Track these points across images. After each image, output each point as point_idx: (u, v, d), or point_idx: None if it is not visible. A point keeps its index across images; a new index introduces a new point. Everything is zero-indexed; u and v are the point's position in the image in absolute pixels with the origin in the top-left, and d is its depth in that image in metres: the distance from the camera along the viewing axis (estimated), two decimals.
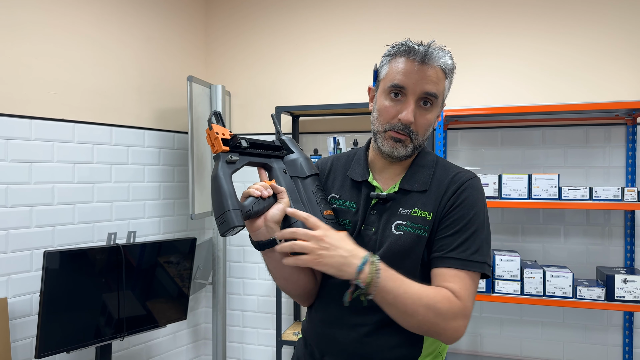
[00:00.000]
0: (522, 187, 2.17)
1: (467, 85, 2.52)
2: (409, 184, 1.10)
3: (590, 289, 2.08)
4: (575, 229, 2.41)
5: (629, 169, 2.31)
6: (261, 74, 2.90)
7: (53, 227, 2.09)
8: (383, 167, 1.15)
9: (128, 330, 2.10)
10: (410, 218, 1.07)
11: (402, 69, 1.05)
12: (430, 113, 1.07)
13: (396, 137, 1.06)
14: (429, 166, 1.12)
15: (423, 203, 1.08)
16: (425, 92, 1.04)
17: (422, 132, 1.07)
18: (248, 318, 2.91)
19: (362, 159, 1.17)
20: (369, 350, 1.07)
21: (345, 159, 1.22)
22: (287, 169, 1.12)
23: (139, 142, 2.52)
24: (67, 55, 2.15)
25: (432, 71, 1.04)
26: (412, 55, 1.04)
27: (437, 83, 1.05)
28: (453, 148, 2.57)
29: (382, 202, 1.10)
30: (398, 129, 1.06)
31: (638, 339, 2.31)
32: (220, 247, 2.71)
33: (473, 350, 2.55)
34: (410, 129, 1.06)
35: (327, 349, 1.12)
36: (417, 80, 1.03)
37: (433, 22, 2.58)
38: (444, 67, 1.05)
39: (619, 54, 2.34)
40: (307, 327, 1.20)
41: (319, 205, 1.08)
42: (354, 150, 1.23)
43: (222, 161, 0.98)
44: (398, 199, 1.09)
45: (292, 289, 1.14)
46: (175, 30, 2.77)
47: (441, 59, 1.05)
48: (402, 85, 1.04)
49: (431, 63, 1.04)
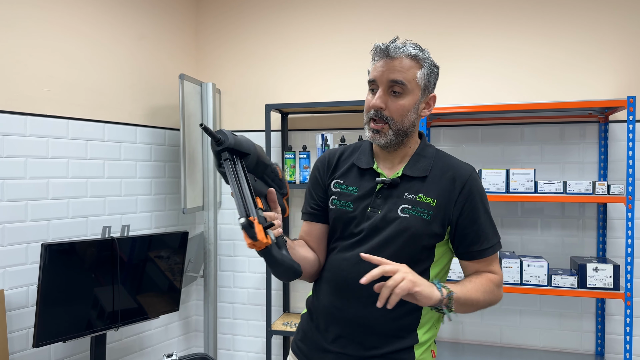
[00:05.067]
0: (501, 181, 2.28)
1: (448, 85, 2.62)
2: (411, 170, 1.23)
3: (564, 278, 2.20)
4: (551, 222, 2.53)
5: (602, 165, 2.44)
6: (251, 73, 2.97)
7: (48, 221, 2.14)
8: (385, 157, 1.28)
9: (123, 321, 2.16)
10: (415, 203, 1.20)
11: (375, 66, 1.21)
12: (402, 99, 1.19)
13: (374, 127, 1.21)
14: (429, 157, 1.26)
15: (426, 190, 1.21)
16: (390, 80, 1.18)
17: (398, 116, 1.19)
18: (238, 310, 2.99)
19: (368, 149, 1.31)
20: (371, 320, 1.20)
21: (352, 149, 1.35)
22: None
23: (131, 139, 2.57)
24: (62, 52, 2.20)
25: (396, 62, 1.18)
26: (379, 53, 1.20)
27: (404, 71, 1.18)
28: (436, 144, 2.67)
29: (387, 187, 1.23)
30: (373, 117, 1.21)
31: (610, 325, 2.44)
32: (211, 241, 2.78)
33: (455, 338, 2.66)
34: (384, 115, 1.19)
35: (332, 320, 1.24)
36: (383, 72, 1.18)
37: (418, 24, 2.67)
38: (410, 56, 1.19)
39: (594, 54, 2.46)
40: (313, 300, 1.33)
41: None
42: (360, 143, 1.36)
43: (273, 247, 1.05)
44: (402, 184, 1.22)
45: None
46: (166, 28, 2.82)
47: (403, 49, 1.18)
48: (373, 79, 1.21)
49: (394, 55, 1.18)
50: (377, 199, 1.23)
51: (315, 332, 1.28)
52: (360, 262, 1.14)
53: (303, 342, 1.32)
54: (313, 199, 1.33)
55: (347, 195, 1.27)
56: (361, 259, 1.11)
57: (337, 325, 1.23)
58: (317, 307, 1.29)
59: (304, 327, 1.34)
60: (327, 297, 1.26)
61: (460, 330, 2.65)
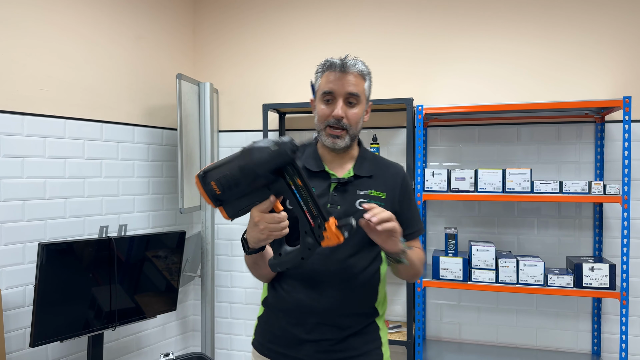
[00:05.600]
0: (497, 181, 2.29)
1: (445, 86, 2.63)
2: (360, 170, 1.42)
3: (560, 277, 2.21)
4: (548, 222, 2.54)
5: (598, 165, 2.45)
6: (249, 73, 2.97)
7: (45, 220, 2.14)
8: (332, 159, 1.44)
9: (120, 321, 2.17)
10: (369, 197, 1.39)
11: (329, 79, 1.36)
12: (356, 109, 1.38)
13: (333, 133, 1.36)
14: (370, 159, 1.47)
15: (376, 185, 1.41)
16: (348, 92, 1.35)
17: (354, 124, 1.38)
18: (236, 309, 2.99)
19: (313, 154, 1.45)
20: (345, 303, 1.36)
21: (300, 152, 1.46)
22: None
23: (129, 138, 2.58)
24: (59, 52, 2.20)
25: (351, 77, 1.36)
26: (334, 68, 1.36)
27: (357, 85, 1.37)
28: (433, 144, 2.68)
29: (341, 186, 1.39)
30: (333, 124, 1.36)
31: (606, 325, 2.45)
32: (208, 241, 2.79)
33: (452, 338, 2.67)
34: (343, 123, 1.36)
35: (309, 312, 1.35)
36: (341, 85, 1.35)
37: (415, 26, 2.68)
38: (359, 72, 1.37)
39: (590, 55, 2.47)
40: (279, 299, 1.40)
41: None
42: (303, 147, 1.49)
43: None
44: (354, 182, 1.40)
45: (264, 275, 1.41)
46: (164, 29, 2.83)
47: (355, 66, 1.36)
48: (331, 91, 1.36)
49: (349, 70, 1.35)
50: (334, 196, 1.38)
51: (288, 328, 1.38)
52: (330, 254, 1.32)
53: (274, 343, 1.41)
54: None
55: None
56: (331, 251, 1.30)
57: (314, 315, 1.35)
58: (288, 304, 1.38)
59: (270, 328, 1.43)
60: (302, 292, 1.36)
61: (458, 330, 2.66)
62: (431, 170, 2.37)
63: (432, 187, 2.36)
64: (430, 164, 2.68)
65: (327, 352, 1.36)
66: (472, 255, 2.31)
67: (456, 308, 2.66)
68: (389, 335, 2.50)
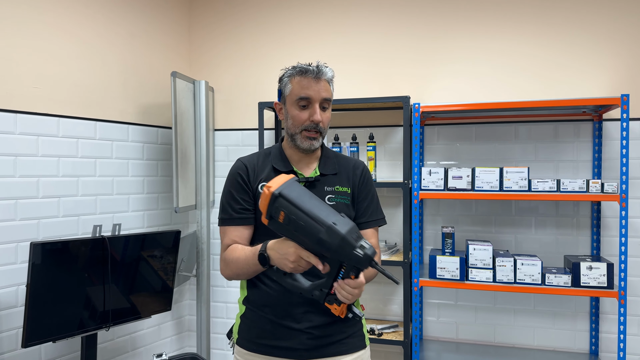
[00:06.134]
0: (494, 179, 2.27)
1: (443, 86, 2.61)
2: (325, 169, 1.50)
3: (558, 276, 2.20)
4: (545, 220, 2.52)
5: (595, 163, 2.43)
6: (245, 71, 2.95)
7: (38, 220, 2.12)
8: (299, 159, 1.51)
9: (114, 321, 2.14)
10: (335, 193, 1.48)
11: (303, 84, 1.43)
12: (328, 112, 1.48)
13: (310, 136, 1.44)
14: (332, 157, 1.56)
15: (340, 181, 1.50)
16: (323, 98, 1.44)
17: (326, 126, 1.48)
18: (232, 309, 2.97)
19: (279, 155, 1.51)
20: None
21: (264, 156, 1.54)
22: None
23: (123, 137, 2.55)
24: (52, 50, 2.17)
25: (323, 83, 1.44)
26: (309, 74, 1.43)
27: (328, 91, 1.46)
28: (430, 143, 2.66)
29: (309, 184, 1.46)
30: (310, 128, 1.44)
31: (604, 324, 2.44)
32: (204, 240, 2.76)
33: (449, 338, 2.65)
34: (320, 127, 1.45)
35: (296, 302, 1.40)
36: (317, 91, 1.43)
37: (412, 26, 2.66)
38: (329, 79, 1.47)
39: (588, 54, 2.45)
40: (261, 296, 1.45)
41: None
42: (268, 150, 1.56)
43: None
44: (320, 180, 1.49)
45: (248, 276, 1.45)
46: (158, 27, 2.80)
47: (327, 74, 1.45)
48: (307, 97, 1.42)
49: (322, 77, 1.44)
50: None
51: (277, 320, 1.42)
52: None
53: (263, 337, 1.45)
54: (239, 204, 1.47)
55: None
56: None
57: (300, 305, 1.41)
58: (273, 298, 1.43)
59: (256, 324, 1.46)
60: (282, 288, 1.39)
61: (454, 329, 2.64)
62: (428, 169, 2.35)
63: (429, 186, 2.34)
64: (428, 163, 2.67)
65: (318, 337, 1.42)
66: (469, 255, 2.30)
67: (453, 308, 2.64)
68: (385, 335, 2.48)
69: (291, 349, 1.42)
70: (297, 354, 1.42)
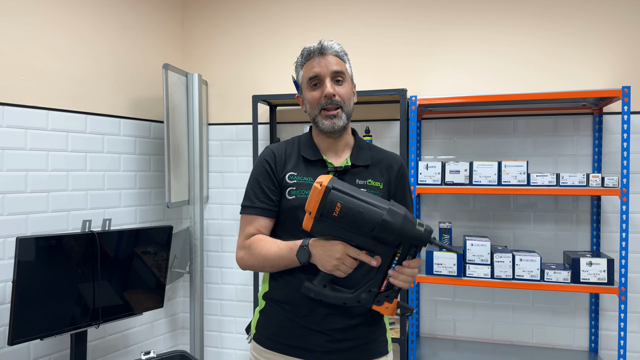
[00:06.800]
0: (492, 173, 2.23)
1: (440, 79, 2.56)
2: (356, 160, 1.41)
3: (557, 272, 2.15)
4: (544, 216, 2.48)
5: (595, 157, 2.39)
6: (240, 65, 2.90)
7: (26, 215, 2.07)
8: (328, 147, 1.43)
9: (104, 318, 2.10)
10: (367, 187, 1.38)
11: (311, 65, 1.39)
12: (344, 86, 1.39)
13: (329, 114, 1.36)
14: (365, 148, 1.47)
15: (373, 175, 1.41)
16: (333, 71, 1.37)
17: (347, 99, 1.39)
18: (226, 307, 2.93)
19: (309, 143, 1.45)
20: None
21: (291, 144, 1.47)
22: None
23: (115, 131, 2.50)
24: (42, 41, 2.12)
25: (330, 57, 1.38)
26: (312, 54, 1.39)
27: (339, 64, 1.39)
28: (428, 137, 2.62)
29: (339, 175, 1.38)
30: (327, 104, 1.36)
31: (604, 321, 2.40)
32: (197, 236, 2.72)
33: (447, 335, 2.61)
34: (336, 100, 1.36)
35: (318, 301, 1.30)
36: (324, 66, 1.37)
37: (409, 17, 2.62)
38: (337, 52, 1.39)
39: (588, 46, 2.41)
40: (284, 292, 1.38)
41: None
42: (297, 138, 1.49)
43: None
44: (351, 171, 1.39)
45: (273, 269, 1.38)
46: (151, 19, 2.75)
47: (333, 47, 1.39)
48: (316, 75, 1.37)
49: (327, 52, 1.38)
50: None
51: (296, 319, 1.36)
52: None
53: (280, 335, 1.38)
54: (265, 193, 1.40)
55: (305, 185, 1.37)
56: None
57: (323, 306, 1.33)
58: (295, 296, 1.35)
59: (275, 321, 1.40)
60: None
61: (452, 326, 2.60)
62: (425, 163, 2.30)
63: (426, 181, 2.30)
64: (425, 158, 2.62)
65: (337, 341, 1.35)
66: (466, 250, 2.25)
67: (451, 304, 2.60)
68: None
69: (309, 350, 1.36)
70: (315, 356, 1.36)
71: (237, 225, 2.90)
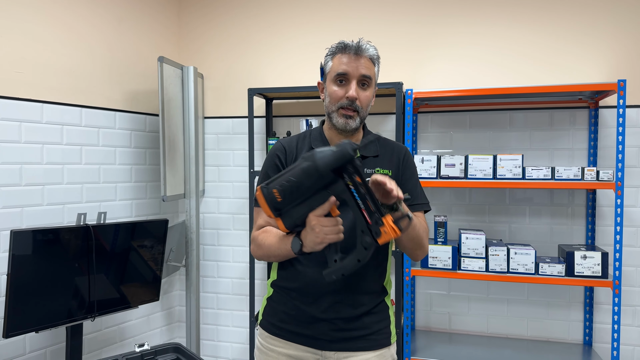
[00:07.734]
0: (488, 167, 2.23)
1: (436, 72, 2.56)
2: (365, 152, 1.41)
3: (552, 265, 2.16)
4: (540, 210, 2.48)
5: (591, 151, 2.39)
6: (236, 58, 2.89)
7: (21, 208, 2.07)
8: (339, 141, 1.40)
9: (99, 311, 2.10)
10: None
11: (343, 61, 1.38)
12: (368, 91, 1.41)
13: (346, 114, 1.38)
14: (374, 140, 1.46)
15: (381, 163, 1.45)
16: (362, 75, 1.38)
17: (365, 106, 1.41)
18: (222, 300, 2.93)
19: (320, 136, 1.47)
20: (360, 282, 1.39)
21: (303, 137, 1.50)
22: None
23: (110, 124, 2.50)
24: (35, 33, 2.11)
25: (364, 60, 1.38)
26: (348, 50, 1.38)
27: (369, 68, 1.39)
28: (423, 131, 2.62)
29: None
30: (346, 105, 1.38)
31: (598, 314, 2.41)
32: (193, 230, 2.72)
33: (442, 328, 2.62)
34: (356, 104, 1.38)
35: (324, 290, 1.36)
36: (355, 68, 1.37)
37: (405, 11, 2.60)
38: (371, 56, 1.40)
39: (583, 39, 2.40)
40: (290, 280, 1.42)
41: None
42: (309, 131, 1.51)
43: None
44: (362, 162, 1.36)
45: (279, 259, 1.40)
46: (147, 12, 2.74)
47: (369, 50, 1.39)
48: (345, 72, 1.37)
49: (363, 54, 1.38)
50: None
51: (303, 307, 1.40)
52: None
53: (286, 322, 1.42)
54: None
55: None
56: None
57: (330, 294, 1.37)
58: (302, 284, 1.40)
59: (282, 308, 1.44)
60: (317, 271, 1.33)
61: (447, 319, 2.61)
62: (420, 157, 2.30)
63: (422, 174, 2.30)
64: (421, 151, 2.62)
65: (341, 330, 1.38)
66: (461, 244, 2.26)
67: (446, 298, 2.61)
68: None
69: (313, 338, 1.39)
70: (319, 344, 1.39)
71: (233, 218, 2.90)
